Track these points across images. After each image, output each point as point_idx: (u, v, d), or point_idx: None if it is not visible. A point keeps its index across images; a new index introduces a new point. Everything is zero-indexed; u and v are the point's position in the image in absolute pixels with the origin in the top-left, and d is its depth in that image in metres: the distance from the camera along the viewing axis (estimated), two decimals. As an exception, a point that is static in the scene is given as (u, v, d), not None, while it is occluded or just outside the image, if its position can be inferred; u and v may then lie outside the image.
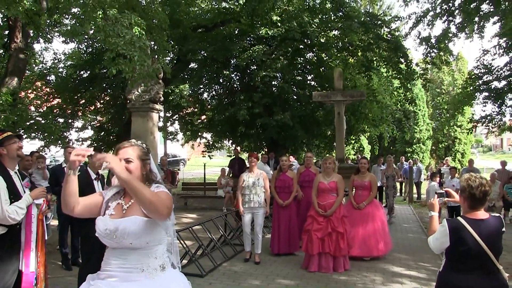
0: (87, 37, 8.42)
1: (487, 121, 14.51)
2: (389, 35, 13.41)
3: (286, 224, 6.92)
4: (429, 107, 29.59)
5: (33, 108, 12.12)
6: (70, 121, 13.37)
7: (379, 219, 6.86)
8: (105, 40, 6.36)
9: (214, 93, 15.88)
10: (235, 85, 14.85)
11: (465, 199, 2.74)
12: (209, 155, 17.06)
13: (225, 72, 13.73)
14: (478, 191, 2.66)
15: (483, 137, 44.04)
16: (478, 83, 14.32)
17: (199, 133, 16.66)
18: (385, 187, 10.94)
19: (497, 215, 2.84)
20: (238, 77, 14.82)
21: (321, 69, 14.00)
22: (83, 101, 13.86)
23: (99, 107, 14.81)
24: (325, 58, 14.33)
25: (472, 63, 45.93)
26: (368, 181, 6.87)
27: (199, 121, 16.68)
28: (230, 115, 12.84)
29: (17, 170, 3.67)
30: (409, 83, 14.86)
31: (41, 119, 10.74)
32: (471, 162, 13.03)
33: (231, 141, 16.48)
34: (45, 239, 3.86)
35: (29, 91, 12.51)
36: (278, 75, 12.94)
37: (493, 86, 14.06)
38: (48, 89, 13.48)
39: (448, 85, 29.07)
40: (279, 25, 12.54)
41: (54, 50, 22.08)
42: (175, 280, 2.33)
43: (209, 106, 16.40)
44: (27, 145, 9.28)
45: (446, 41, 11.82)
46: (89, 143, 14.05)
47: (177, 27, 11.69)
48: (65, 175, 2.17)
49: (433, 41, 12.04)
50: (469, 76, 15.53)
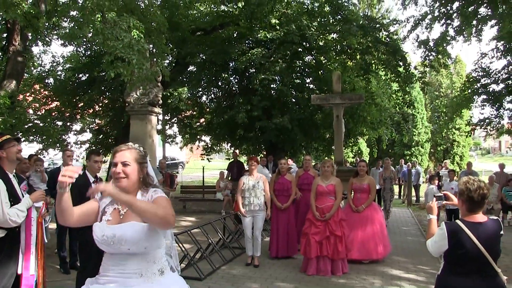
0: (85, 40, 8.43)
1: (485, 124, 14.56)
2: (387, 38, 13.44)
3: (284, 227, 6.91)
4: (428, 110, 29.60)
5: (31, 111, 12.13)
6: (68, 124, 13.38)
7: (378, 222, 6.86)
8: (103, 43, 6.38)
9: (212, 96, 15.86)
10: (234, 88, 14.86)
11: (464, 202, 2.74)
12: (207, 158, 17.07)
13: (223, 75, 13.72)
14: (476, 194, 2.66)
15: (481, 140, 44.09)
16: (476, 86, 14.39)
17: (198, 136, 16.62)
18: (382, 190, 10.92)
19: (496, 218, 2.85)
20: (236, 80, 14.83)
21: (319, 72, 13.99)
22: (82, 104, 13.84)
23: (97, 110, 14.80)
24: (323, 61, 14.33)
25: (470, 66, 46.23)
26: (366, 184, 6.87)
27: (198, 124, 16.65)
28: (228, 118, 12.82)
29: (15, 173, 3.67)
30: (408, 86, 14.91)
31: (39, 122, 10.75)
32: (469, 164, 13.05)
33: (229, 144, 16.47)
34: (44, 242, 3.85)
35: (28, 94, 12.53)
36: (276, 78, 12.92)
37: (491, 89, 14.12)
38: (46, 92, 13.49)
39: (446, 88, 29.10)
40: (278, 28, 12.57)
41: (52, 53, 22.04)
42: (174, 283, 2.32)
43: (207, 109, 16.39)
44: (26, 148, 9.25)
45: (444, 44, 11.86)
46: (87, 146, 14.06)
47: (175, 30, 11.70)
48: (57, 193, 2.12)
49: (431, 44, 12.08)
50: (467, 79, 15.60)
